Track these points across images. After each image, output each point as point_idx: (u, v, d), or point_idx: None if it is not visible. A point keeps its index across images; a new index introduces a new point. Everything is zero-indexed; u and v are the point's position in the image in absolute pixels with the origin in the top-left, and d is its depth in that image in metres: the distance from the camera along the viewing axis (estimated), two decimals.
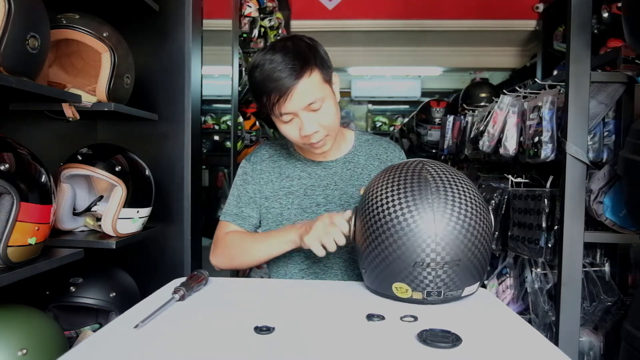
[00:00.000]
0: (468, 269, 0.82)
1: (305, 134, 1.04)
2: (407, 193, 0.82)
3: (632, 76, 1.49)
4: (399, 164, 0.91)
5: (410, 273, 0.81)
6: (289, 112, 1.02)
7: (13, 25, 0.90)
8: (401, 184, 0.84)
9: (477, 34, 4.06)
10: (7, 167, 0.91)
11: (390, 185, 0.85)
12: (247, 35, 2.69)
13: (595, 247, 1.66)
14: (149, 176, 1.42)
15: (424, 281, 0.81)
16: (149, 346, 0.65)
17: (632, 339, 1.24)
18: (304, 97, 1.01)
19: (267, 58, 1.01)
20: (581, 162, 1.52)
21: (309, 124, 1.03)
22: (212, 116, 2.83)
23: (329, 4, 4.10)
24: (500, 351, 0.65)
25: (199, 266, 1.73)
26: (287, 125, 1.06)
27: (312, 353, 0.63)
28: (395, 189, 0.84)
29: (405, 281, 0.81)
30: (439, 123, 3.39)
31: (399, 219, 0.81)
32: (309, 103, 1.01)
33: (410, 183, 0.83)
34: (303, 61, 1.01)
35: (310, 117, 1.03)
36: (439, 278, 0.80)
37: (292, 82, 0.99)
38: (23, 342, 0.98)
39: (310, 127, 1.03)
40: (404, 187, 0.83)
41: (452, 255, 0.79)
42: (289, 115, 1.03)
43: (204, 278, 0.92)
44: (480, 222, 0.82)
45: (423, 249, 0.79)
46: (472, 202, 0.83)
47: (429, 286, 0.81)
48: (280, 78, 0.99)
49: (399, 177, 0.86)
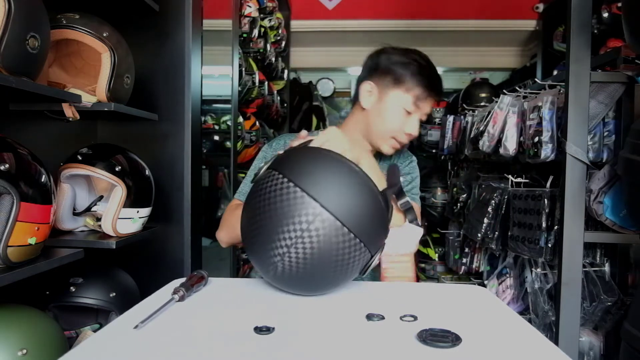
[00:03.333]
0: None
1: (409, 132, 1.23)
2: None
3: (632, 76, 1.49)
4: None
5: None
6: (421, 110, 1.23)
7: (13, 25, 0.90)
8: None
9: (477, 34, 4.06)
10: (7, 167, 0.91)
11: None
12: (247, 35, 2.69)
13: (595, 247, 1.66)
14: (149, 176, 1.42)
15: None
16: (149, 346, 0.65)
17: (632, 339, 1.24)
18: (430, 109, 1.26)
19: (429, 63, 1.28)
20: (581, 162, 1.52)
21: (417, 129, 1.24)
22: (212, 116, 2.83)
23: (329, 4, 4.10)
24: (501, 351, 0.65)
25: (199, 266, 1.73)
26: (404, 116, 1.22)
27: (312, 353, 0.63)
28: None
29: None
30: (439, 123, 3.39)
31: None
32: (427, 114, 1.25)
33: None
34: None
35: (418, 125, 1.25)
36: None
37: (441, 97, 1.28)
38: (23, 342, 0.98)
39: (417, 131, 1.25)
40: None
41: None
42: (417, 111, 1.23)
43: (204, 278, 0.92)
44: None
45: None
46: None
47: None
48: (440, 86, 1.26)
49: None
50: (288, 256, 0.78)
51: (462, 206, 2.71)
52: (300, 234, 0.76)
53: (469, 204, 2.56)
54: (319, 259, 0.78)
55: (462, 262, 2.62)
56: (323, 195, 0.77)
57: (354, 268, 0.82)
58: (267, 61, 3.22)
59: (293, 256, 0.78)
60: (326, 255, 0.77)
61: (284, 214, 0.78)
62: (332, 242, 0.77)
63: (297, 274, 0.79)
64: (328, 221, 0.76)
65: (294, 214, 0.77)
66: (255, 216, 0.82)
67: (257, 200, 0.82)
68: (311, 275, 0.80)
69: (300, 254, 0.77)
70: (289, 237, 0.77)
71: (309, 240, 0.76)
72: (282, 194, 0.78)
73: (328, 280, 0.84)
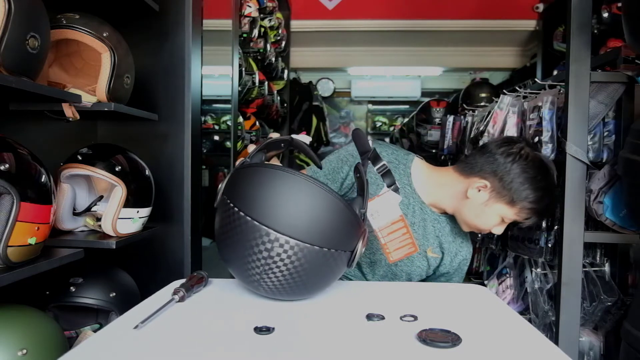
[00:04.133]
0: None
1: (493, 231, 1.21)
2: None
3: (632, 76, 1.49)
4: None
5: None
6: (513, 220, 1.19)
7: (13, 25, 0.90)
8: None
9: (477, 34, 4.06)
10: (7, 167, 0.91)
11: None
12: (247, 35, 2.69)
13: (595, 247, 1.66)
14: (149, 176, 1.42)
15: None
16: (149, 347, 0.65)
17: (632, 339, 1.23)
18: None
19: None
20: (581, 162, 1.52)
21: (502, 230, 1.22)
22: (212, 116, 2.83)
23: (329, 4, 4.10)
24: (501, 351, 0.65)
25: (199, 266, 1.73)
26: (499, 220, 1.19)
27: (312, 353, 0.63)
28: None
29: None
30: (439, 123, 3.39)
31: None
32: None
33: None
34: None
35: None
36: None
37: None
38: (23, 342, 0.98)
39: (501, 232, 1.23)
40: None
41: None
42: (508, 220, 1.19)
43: (204, 279, 0.92)
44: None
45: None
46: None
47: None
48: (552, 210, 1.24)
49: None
50: (264, 281, 0.77)
51: None
52: (266, 262, 0.75)
53: None
54: (298, 276, 0.76)
55: None
56: (273, 218, 0.74)
57: (338, 269, 0.81)
58: (267, 61, 3.22)
59: (270, 280, 0.77)
60: (302, 272, 0.76)
61: (243, 245, 0.76)
62: (302, 261, 0.75)
63: (282, 289, 0.78)
64: (288, 244, 0.74)
65: (251, 243, 0.74)
66: (223, 248, 0.81)
67: (220, 232, 0.81)
68: (297, 287, 0.79)
69: (275, 278, 0.76)
70: (257, 267, 0.76)
71: (276, 267, 0.75)
72: (235, 225, 0.76)
73: (317, 286, 0.83)
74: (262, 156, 0.89)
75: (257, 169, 0.81)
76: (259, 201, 0.76)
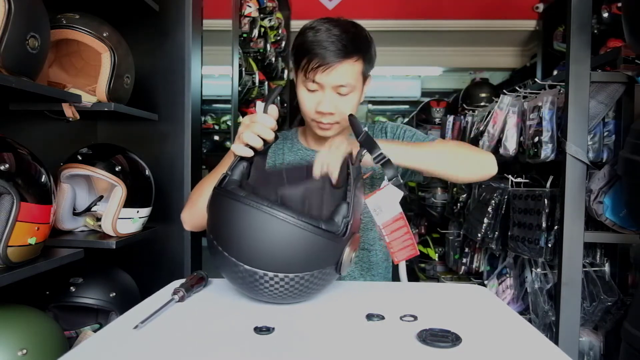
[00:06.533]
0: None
1: (320, 110, 1.05)
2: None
3: (632, 76, 1.49)
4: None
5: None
6: (319, 82, 1.03)
7: (13, 25, 0.90)
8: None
9: (477, 34, 4.06)
10: (7, 167, 0.91)
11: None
12: (247, 35, 2.69)
13: (595, 247, 1.66)
14: (149, 176, 1.42)
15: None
16: (148, 347, 0.65)
17: (632, 339, 1.24)
18: (339, 77, 1.03)
19: (325, 26, 1.05)
20: (581, 162, 1.52)
21: (329, 103, 1.05)
22: (212, 116, 2.83)
23: (329, 4, 4.10)
24: (500, 351, 0.65)
25: (199, 266, 1.73)
26: (309, 94, 1.07)
27: (312, 353, 0.63)
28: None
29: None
30: (439, 123, 3.39)
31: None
32: (340, 85, 1.03)
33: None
34: (356, 46, 1.03)
35: (332, 98, 1.05)
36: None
37: (337, 59, 1.01)
38: (23, 342, 0.98)
39: (328, 107, 1.05)
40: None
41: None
42: (317, 85, 1.04)
43: (204, 279, 0.92)
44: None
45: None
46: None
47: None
48: (329, 48, 1.01)
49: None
50: (262, 295, 0.79)
51: (462, 206, 2.71)
52: (259, 289, 0.76)
53: (469, 204, 2.56)
54: (290, 294, 0.78)
55: (462, 262, 2.62)
56: (259, 259, 0.75)
57: (331, 278, 0.81)
58: (267, 61, 3.22)
59: (267, 295, 0.78)
60: (297, 292, 0.78)
61: (233, 279, 0.79)
62: (296, 287, 0.76)
63: (280, 299, 0.80)
64: (277, 277, 0.75)
65: (243, 281, 0.76)
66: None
67: (214, 264, 0.83)
68: (293, 299, 0.81)
69: (270, 296, 0.78)
70: (252, 291, 0.78)
71: (270, 292, 0.77)
72: (216, 259, 0.79)
73: (314, 293, 0.84)
74: (242, 167, 0.87)
75: (234, 204, 0.77)
76: (243, 241, 0.76)
